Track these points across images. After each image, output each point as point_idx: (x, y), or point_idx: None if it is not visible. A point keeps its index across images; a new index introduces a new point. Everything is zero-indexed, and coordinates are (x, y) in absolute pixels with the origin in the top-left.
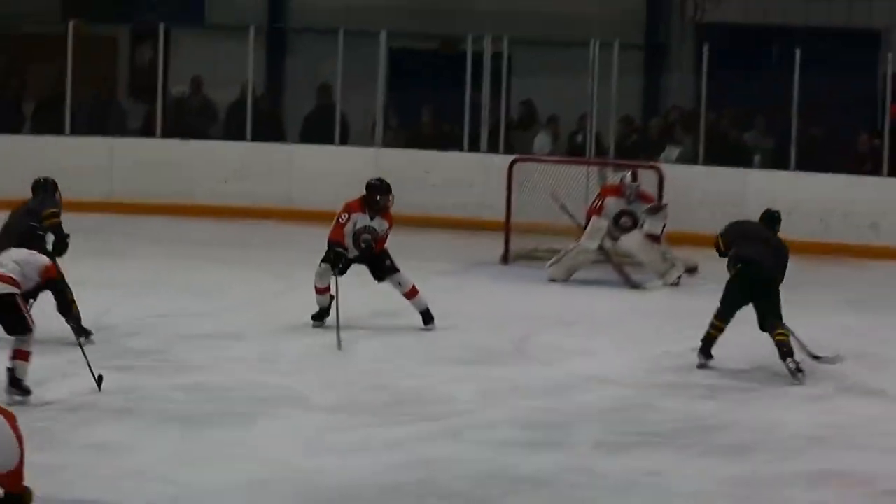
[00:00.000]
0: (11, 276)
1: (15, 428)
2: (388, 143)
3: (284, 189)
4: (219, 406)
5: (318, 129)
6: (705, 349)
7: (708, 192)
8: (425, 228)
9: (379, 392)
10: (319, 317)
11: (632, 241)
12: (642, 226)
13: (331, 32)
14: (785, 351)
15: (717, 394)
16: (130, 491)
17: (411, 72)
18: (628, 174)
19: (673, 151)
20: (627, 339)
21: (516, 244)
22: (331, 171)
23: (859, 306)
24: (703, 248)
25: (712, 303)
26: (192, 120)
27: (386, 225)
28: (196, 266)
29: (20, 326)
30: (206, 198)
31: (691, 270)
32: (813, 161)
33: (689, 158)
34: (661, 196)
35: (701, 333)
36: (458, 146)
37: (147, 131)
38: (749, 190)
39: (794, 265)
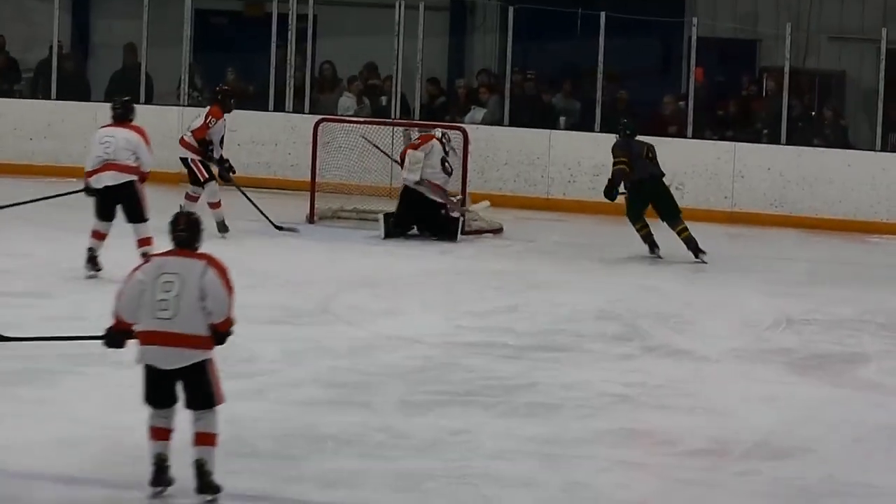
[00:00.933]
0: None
1: (227, 281)
2: (193, 104)
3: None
4: (27, 364)
5: (124, 89)
6: (651, 245)
7: (512, 153)
8: (230, 188)
9: None
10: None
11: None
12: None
13: None
14: (692, 246)
15: (521, 353)
16: None
17: (216, 32)
18: (438, 131)
19: (478, 113)
20: (432, 299)
21: (322, 204)
22: None
23: (664, 267)
24: (509, 209)
25: (517, 264)
26: None
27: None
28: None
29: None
30: (11, 156)
31: (496, 231)
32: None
33: (494, 120)
34: (466, 155)
35: (505, 295)
36: (263, 106)
37: None
38: (554, 152)
39: (601, 228)
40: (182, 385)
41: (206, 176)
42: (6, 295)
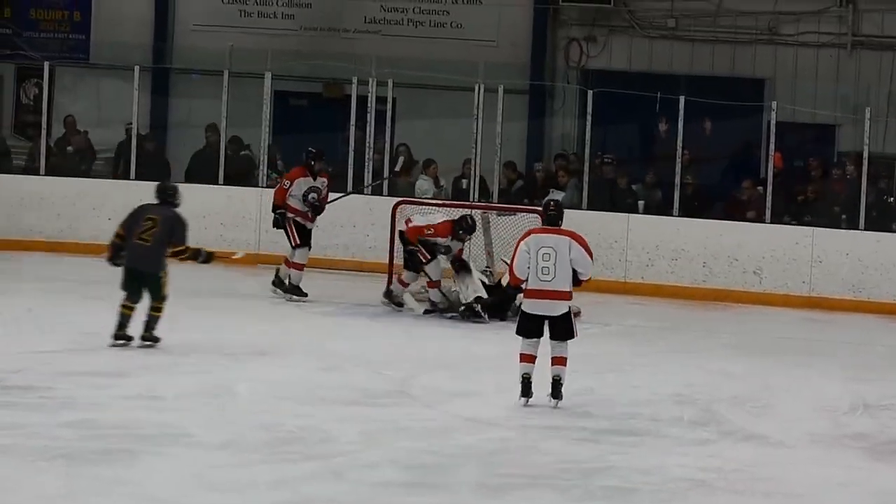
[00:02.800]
0: None
1: (588, 250)
2: (271, 185)
3: None
4: (103, 443)
5: (205, 169)
6: None
7: (591, 236)
8: (308, 269)
9: (262, 431)
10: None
11: None
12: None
13: (216, 74)
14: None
15: (598, 437)
16: None
17: (296, 113)
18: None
19: (557, 196)
20: (509, 381)
21: (399, 286)
22: (215, 211)
23: (742, 351)
24: (586, 292)
25: (595, 347)
26: (69, 159)
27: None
28: (76, 303)
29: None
30: (87, 236)
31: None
32: (697, 207)
33: (572, 203)
34: None
35: (582, 377)
36: (341, 188)
37: (30, 169)
38: (633, 235)
39: (679, 311)
40: (550, 323)
41: (298, 242)
42: (87, 374)
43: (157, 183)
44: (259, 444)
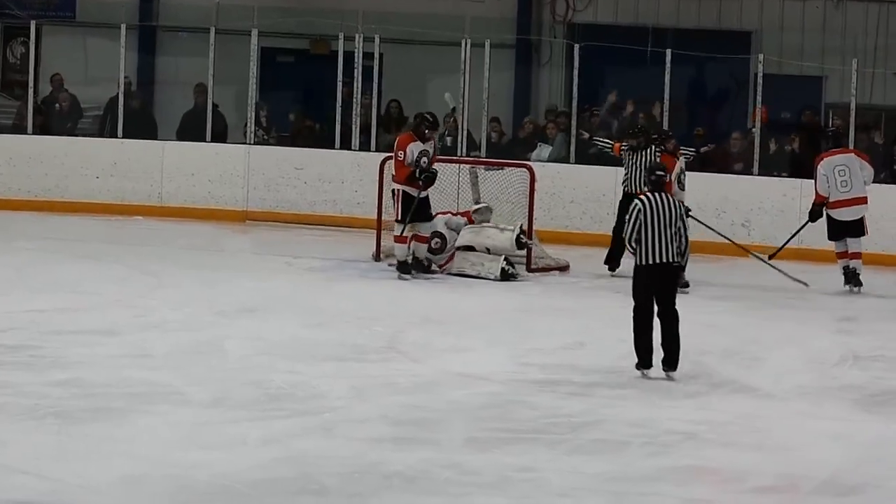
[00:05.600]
0: None
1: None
2: (259, 142)
3: (155, 186)
4: (93, 402)
5: (196, 128)
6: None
7: (578, 191)
8: (297, 225)
9: (252, 388)
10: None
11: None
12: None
13: (202, 31)
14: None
15: (587, 390)
16: (2, 486)
17: (282, 70)
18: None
19: (544, 150)
20: (498, 336)
21: (388, 242)
22: (201, 168)
23: (730, 304)
24: (575, 246)
25: (583, 300)
26: (56, 117)
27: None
28: (67, 262)
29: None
30: (76, 195)
31: (563, 268)
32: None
33: (560, 158)
34: (532, 193)
35: (571, 332)
36: (329, 144)
37: (18, 128)
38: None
39: None
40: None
41: (400, 216)
42: (76, 333)
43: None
44: (249, 400)
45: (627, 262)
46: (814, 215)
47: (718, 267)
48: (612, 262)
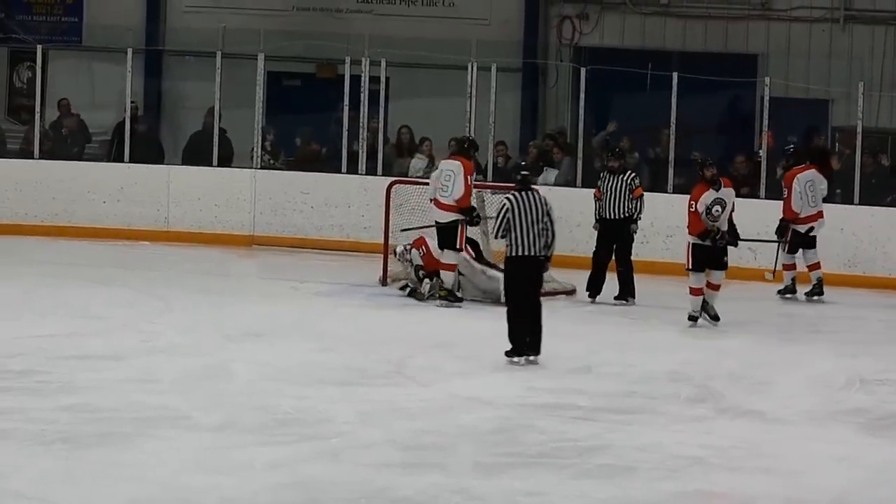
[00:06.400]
0: None
1: None
2: (265, 166)
3: (162, 211)
4: (101, 427)
5: (203, 151)
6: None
7: (586, 214)
8: (303, 250)
9: (259, 412)
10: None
11: None
12: None
13: (208, 55)
14: None
15: (594, 415)
16: None
17: (289, 94)
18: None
19: (551, 174)
20: (504, 360)
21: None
22: (207, 193)
23: (737, 328)
24: (582, 270)
25: (589, 324)
26: (63, 142)
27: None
28: (75, 287)
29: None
30: (83, 220)
31: (569, 292)
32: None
33: (567, 181)
34: None
35: (577, 356)
36: (336, 168)
37: (25, 153)
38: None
39: (674, 289)
40: None
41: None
42: (84, 357)
43: None
44: (256, 425)
45: (609, 288)
46: (783, 231)
47: (725, 291)
48: (594, 289)
